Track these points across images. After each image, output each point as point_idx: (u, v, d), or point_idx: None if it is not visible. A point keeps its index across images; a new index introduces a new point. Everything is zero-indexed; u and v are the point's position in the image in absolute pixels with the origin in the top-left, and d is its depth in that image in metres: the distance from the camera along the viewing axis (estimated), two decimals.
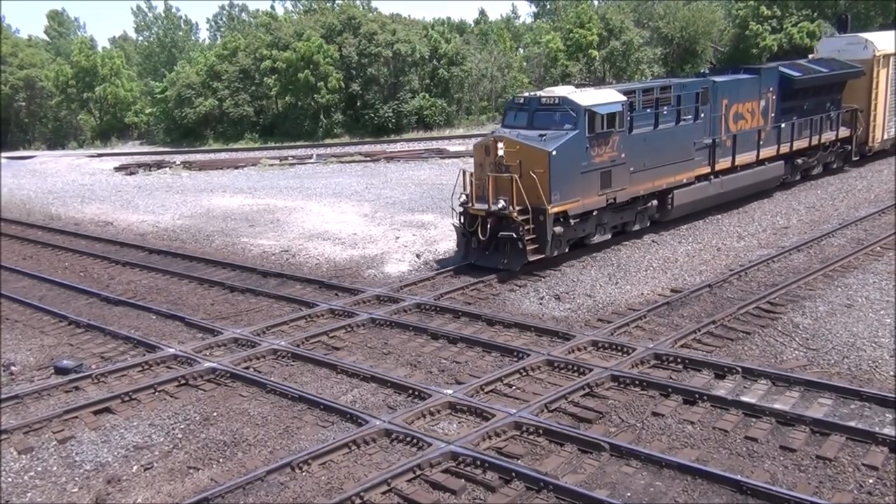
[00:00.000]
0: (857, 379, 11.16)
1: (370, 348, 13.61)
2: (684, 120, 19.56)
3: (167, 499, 9.23)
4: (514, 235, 16.31)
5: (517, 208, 16.23)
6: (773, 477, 8.84)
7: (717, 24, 56.80)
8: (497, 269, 16.82)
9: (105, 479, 9.74)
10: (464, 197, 17.39)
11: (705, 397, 10.70)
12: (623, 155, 17.74)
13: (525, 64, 59.12)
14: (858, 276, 15.58)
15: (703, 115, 20.08)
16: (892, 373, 11.27)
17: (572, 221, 17.06)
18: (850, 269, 16.19)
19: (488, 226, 16.64)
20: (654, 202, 19.41)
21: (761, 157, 22.41)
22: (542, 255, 16.58)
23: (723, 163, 21.03)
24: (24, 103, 63.57)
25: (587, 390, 11.24)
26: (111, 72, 62.86)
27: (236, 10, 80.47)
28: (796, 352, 12.28)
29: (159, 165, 42.57)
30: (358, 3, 59.89)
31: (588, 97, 17.19)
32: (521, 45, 65.67)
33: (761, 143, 22.35)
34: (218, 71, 54.97)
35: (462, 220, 17.45)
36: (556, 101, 17.04)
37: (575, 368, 11.95)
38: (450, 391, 11.37)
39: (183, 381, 12.42)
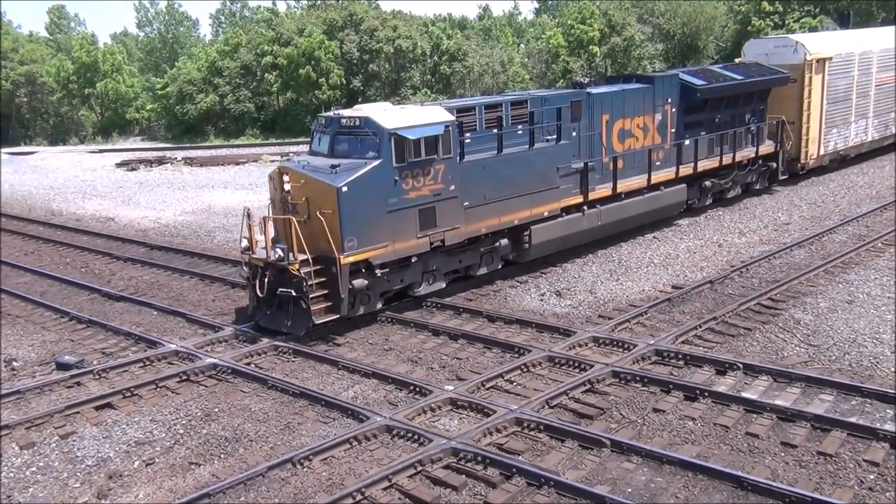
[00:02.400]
0: (858, 375, 11.16)
1: (371, 344, 13.62)
2: (544, 141, 16.40)
3: (168, 494, 9.25)
4: (294, 293, 13.26)
5: (300, 258, 13.21)
6: (773, 473, 8.84)
7: (718, 19, 56.65)
8: (283, 333, 13.76)
9: (106, 474, 9.77)
10: (245, 241, 14.30)
11: (706, 393, 10.70)
12: (452, 187, 14.53)
13: (527, 60, 59.04)
14: (860, 273, 15.57)
15: (573, 133, 17.07)
16: (892, 369, 11.27)
17: (380, 272, 13.98)
18: (852, 265, 16.17)
19: (266, 279, 13.57)
20: (504, 241, 16.20)
21: (656, 180, 19.10)
22: (337, 315, 13.53)
23: (601, 190, 17.72)
24: (25, 99, 63.58)
25: (588, 386, 11.24)
26: (112, 68, 62.87)
27: (238, 6, 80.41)
28: (797, 348, 12.27)
29: (160, 161, 42.56)
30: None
31: (397, 117, 13.99)
32: (522, 41, 65.59)
33: (657, 164, 19.23)
34: (219, 67, 54.95)
35: (248, 271, 14.23)
36: (357, 123, 13.85)
37: (576, 365, 11.96)
38: (451, 387, 11.38)
39: (184, 377, 12.43)
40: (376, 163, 13.45)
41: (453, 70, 53.64)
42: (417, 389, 11.44)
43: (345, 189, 13.01)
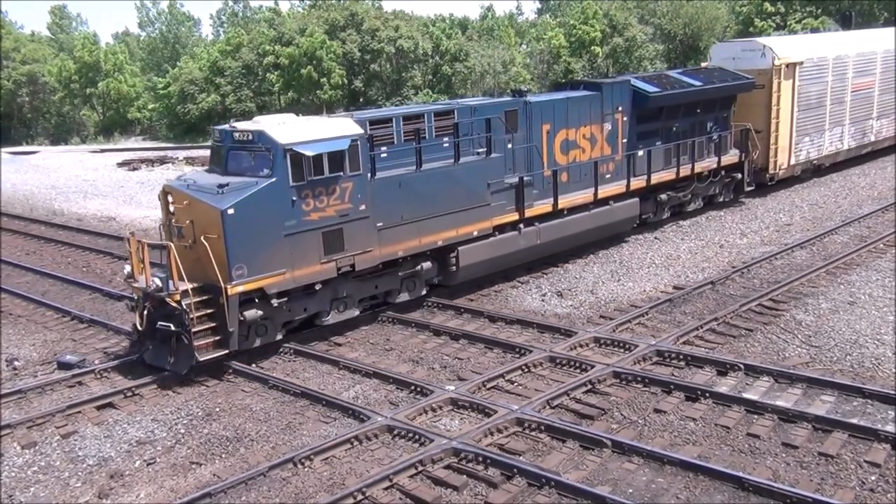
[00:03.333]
0: (859, 376, 11.15)
1: (372, 344, 13.62)
2: (474, 154, 15.17)
3: (170, 494, 9.26)
4: (173, 327, 11.94)
5: (180, 288, 11.87)
6: (775, 474, 8.84)
7: (720, 20, 56.64)
8: (167, 370, 12.41)
9: (108, 474, 9.78)
10: (127, 268, 13.22)
11: (707, 394, 10.70)
12: (362, 207, 13.25)
13: (528, 60, 59.06)
14: (861, 274, 15.56)
15: (508, 145, 15.84)
16: (894, 370, 11.26)
17: (276, 302, 12.63)
18: (853, 266, 16.16)
19: (145, 311, 12.34)
20: (427, 264, 14.80)
21: (604, 194, 17.74)
22: (225, 351, 12.24)
23: (540, 206, 16.39)
24: (27, 99, 63.63)
25: (589, 387, 11.24)
26: (114, 67, 62.93)
27: (240, 5, 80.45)
28: (799, 349, 12.27)
29: (162, 161, 42.58)
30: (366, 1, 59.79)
31: (294, 131, 12.63)
32: (524, 42, 65.62)
33: (607, 176, 18.01)
34: (221, 67, 54.98)
35: (132, 301, 13.03)
36: (251, 138, 12.55)
37: (577, 365, 11.96)
38: (452, 387, 11.38)
39: (185, 377, 12.42)
40: (269, 182, 12.13)
41: (455, 71, 53.65)
42: (418, 389, 11.44)
43: (231, 211, 11.73)
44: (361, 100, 53.37)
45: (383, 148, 13.95)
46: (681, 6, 56.28)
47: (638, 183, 18.67)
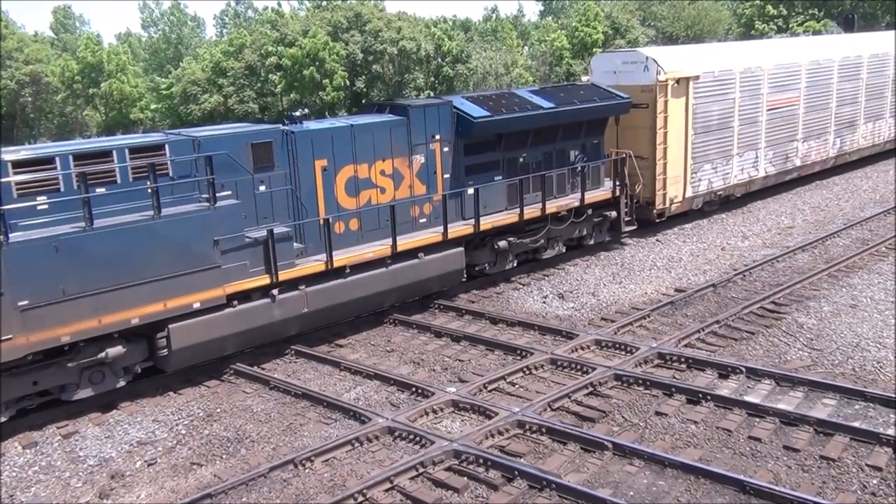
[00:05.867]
0: (861, 379, 11.14)
1: (373, 346, 13.63)
2: (196, 201, 11.86)
3: (170, 494, 9.26)
4: None
5: None
6: (776, 477, 8.83)
7: (722, 22, 56.69)
8: None
9: (109, 474, 9.79)
10: None
11: (709, 397, 10.68)
12: None
13: (531, 62, 59.11)
14: (863, 277, 15.54)
15: (260, 188, 12.64)
16: (895, 373, 11.26)
17: None
18: (855, 269, 16.14)
19: None
20: (117, 349, 11.35)
21: (409, 245, 14.29)
22: None
23: (308, 265, 13.08)
24: (29, 98, 63.71)
25: (590, 389, 11.23)
26: (117, 68, 63.01)
27: (242, 6, 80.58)
28: (800, 352, 12.25)
29: None
30: (371, 1, 59.88)
31: None
32: (526, 44, 65.67)
33: (421, 221, 14.90)
34: (223, 67, 55.05)
35: None
36: None
37: (578, 367, 11.95)
38: (453, 389, 11.38)
39: (186, 378, 12.43)
40: None
41: (456, 72, 53.69)
42: (419, 391, 11.44)
43: None
44: (363, 101, 53.44)
45: (42, 198, 10.67)
46: (683, 8, 56.33)
47: (461, 229, 15.12)
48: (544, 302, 15.42)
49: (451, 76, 53.74)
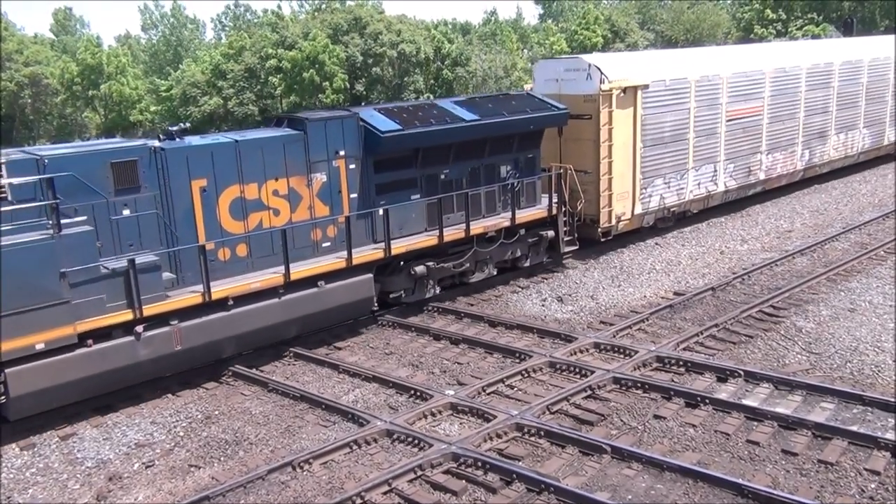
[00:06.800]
0: (859, 383, 11.14)
1: (372, 348, 13.62)
2: (32, 228, 10.36)
3: (168, 497, 9.25)
4: None
5: None
6: (774, 481, 8.83)
7: (721, 26, 56.80)
8: None
9: (106, 476, 9.78)
10: None
11: (707, 400, 10.69)
12: None
13: (530, 65, 59.17)
14: (862, 281, 15.55)
15: (125, 212, 11.40)
16: (894, 377, 11.25)
17: None
18: (854, 273, 16.15)
19: None
20: None
21: (307, 273, 12.99)
22: None
23: (181, 298, 11.74)
24: (29, 100, 63.74)
25: (589, 392, 11.23)
26: (117, 70, 63.07)
27: (241, 9, 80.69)
28: (799, 356, 12.26)
29: None
30: (368, 3, 59.97)
31: None
32: (526, 46, 65.77)
33: (325, 245, 13.67)
34: (223, 70, 55.11)
35: None
36: None
37: (577, 370, 11.95)
38: (451, 392, 11.38)
39: (185, 380, 12.43)
40: None
41: (456, 75, 53.74)
42: (418, 394, 11.43)
43: None
44: (363, 104, 53.50)
45: None
46: (682, 12, 56.43)
47: (369, 254, 13.89)
48: (543, 305, 15.42)
49: (450, 79, 53.80)
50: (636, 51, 54.77)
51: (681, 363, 11.98)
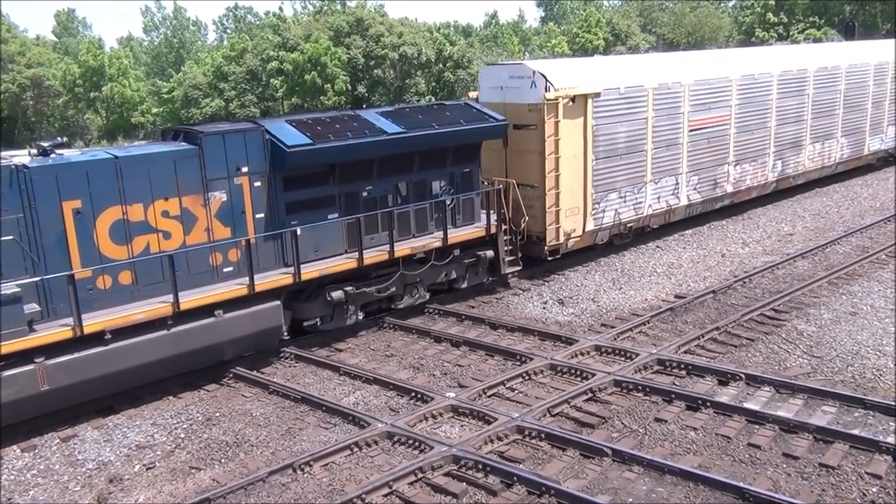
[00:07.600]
0: (860, 387, 11.13)
1: (373, 350, 13.62)
2: None
3: (169, 498, 9.25)
4: None
5: None
6: (775, 484, 8.82)
7: (723, 30, 56.84)
8: None
9: (107, 478, 9.78)
10: None
11: (708, 403, 10.68)
12: None
13: None
14: (863, 284, 15.54)
15: None
16: (895, 381, 11.25)
17: None
18: (855, 276, 16.14)
19: None
20: None
21: (201, 301, 11.86)
22: None
23: (48, 334, 10.59)
24: (31, 102, 63.84)
25: (590, 395, 11.22)
26: (118, 72, 63.17)
27: (241, 11, 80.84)
28: (800, 359, 12.25)
29: None
30: (370, 5, 60.09)
31: None
32: (527, 49, 65.83)
33: (226, 270, 12.51)
34: (225, 72, 55.20)
35: None
36: None
37: (578, 373, 11.94)
38: (452, 394, 11.38)
39: (186, 381, 12.43)
40: None
41: (457, 77, 53.79)
42: (419, 396, 11.43)
43: None
44: (364, 106, 53.56)
45: None
46: (684, 15, 56.47)
47: (277, 279, 12.76)
48: (544, 307, 15.42)
49: (452, 81, 53.87)
50: (636, 53, 54.86)
51: (682, 366, 11.98)
